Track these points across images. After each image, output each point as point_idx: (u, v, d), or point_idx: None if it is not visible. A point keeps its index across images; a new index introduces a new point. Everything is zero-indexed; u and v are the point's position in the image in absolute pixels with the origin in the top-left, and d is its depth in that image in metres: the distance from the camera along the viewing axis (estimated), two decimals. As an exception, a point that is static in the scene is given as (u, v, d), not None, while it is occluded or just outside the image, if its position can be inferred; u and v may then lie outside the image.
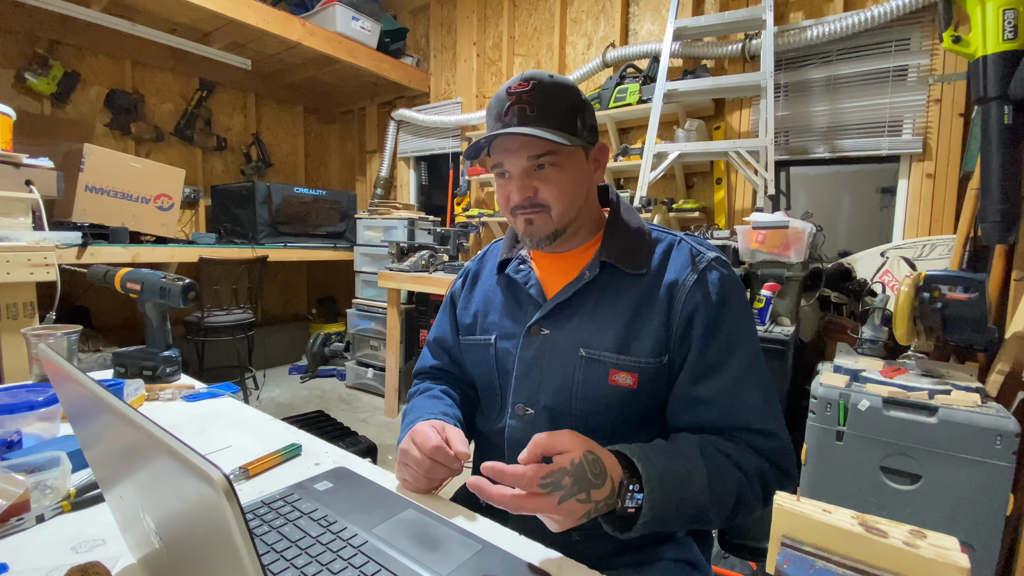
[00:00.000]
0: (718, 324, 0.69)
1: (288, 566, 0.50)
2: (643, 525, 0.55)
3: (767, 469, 0.66)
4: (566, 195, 0.72)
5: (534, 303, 0.77)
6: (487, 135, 0.71)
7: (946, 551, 0.39)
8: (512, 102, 0.69)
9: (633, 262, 0.73)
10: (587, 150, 0.74)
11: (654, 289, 0.71)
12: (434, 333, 0.94)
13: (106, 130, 3.47)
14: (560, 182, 0.71)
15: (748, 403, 0.67)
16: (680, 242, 0.76)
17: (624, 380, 0.70)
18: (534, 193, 0.71)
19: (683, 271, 0.72)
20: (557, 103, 0.69)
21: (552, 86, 0.69)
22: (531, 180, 0.71)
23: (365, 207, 4.04)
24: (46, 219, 1.81)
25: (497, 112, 0.71)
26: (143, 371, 1.06)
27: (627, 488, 0.56)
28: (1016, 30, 1.40)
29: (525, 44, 3.50)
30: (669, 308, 0.70)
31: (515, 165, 0.71)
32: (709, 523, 0.63)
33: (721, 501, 0.61)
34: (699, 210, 2.65)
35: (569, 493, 0.52)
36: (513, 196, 0.72)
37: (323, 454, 0.77)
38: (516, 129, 0.67)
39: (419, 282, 2.94)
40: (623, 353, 0.70)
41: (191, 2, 2.70)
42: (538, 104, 0.68)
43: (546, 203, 0.71)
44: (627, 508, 0.56)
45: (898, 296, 1.44)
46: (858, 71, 2.33)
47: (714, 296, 0.69)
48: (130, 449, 0.38)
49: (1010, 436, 1.15)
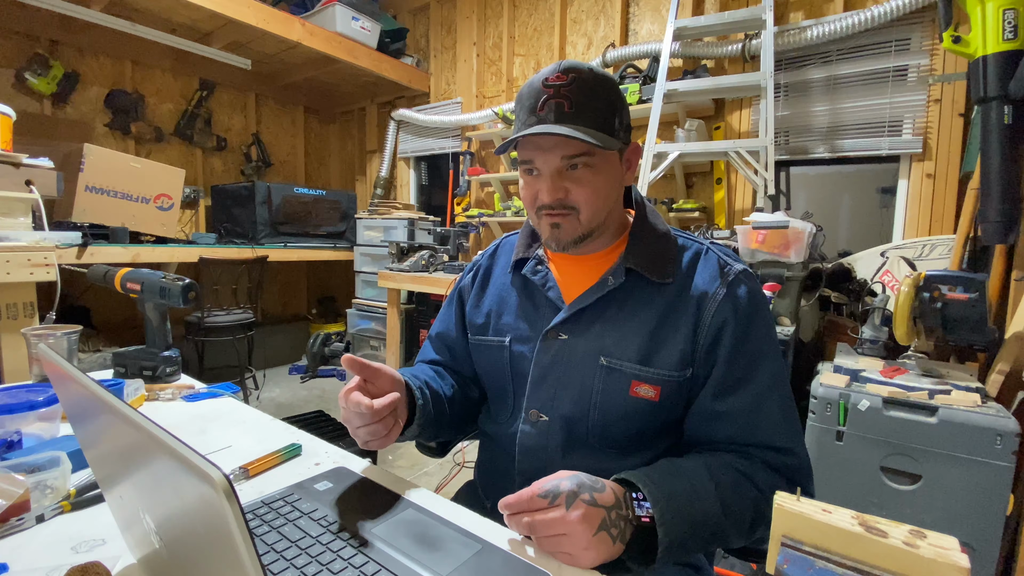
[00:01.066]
0: (745, 340, 0.67)
1: (288, 566, 0.50)
2: (665, 551, 0.54)
3: (783, 486, 0.64)
4: (599, 198, 0.68)
5: (552, 306, 0.74)
6: (521, 133, 0.65)
7: (946, 551, 0.39)
8: (549, 96, 0.64)
9: (659, 270, 0.70)
10: (621, 151, 0.70)
11: (681, 300, 0.69)
12: (437, 328, 0.91)
13: (106, 130, 3.47)
14: (594, 184, 0.67)
15: (769, 420, 0.66)
16: (707, 251, 0.73)
17: (646, 392, 0.68)
18: (565, 194, 0.67)
19: (712, 284, 0.69)
20: (597, 100, 0.65)
21: (592, 81, 0.65)
22: (563, 180, 0.67)
23: (365, 207, 4.04)
24: (46, 219, 1.81)
25: (531, 105, 0.66)
26: (143, 371, 1.06)
27: (632, 497, 0.56)
28: (1016, 30, 1.40)
29: (525, 44, 3.50)
30: (697, 321, 0.68)
31: (547, 163, 0.67)
32: (729, 541, 0.61)
33: (737, 517, 0.60)
34: (699, 210, 2.65)
35: (572, 494, 0.52)
36: (542, 196, 0.68)
37: (323, 454, 0.77)
38: (554, 129, 0.63)
39: (419, 282, 2.94)
40: (646, 365, 0.68)
41: (191, 2, 2.70)
42: (577, 101, 0.64)
43: (577, 205, 0.68)
44: (640, 517, 0.55)
45: (898, 296, 1.44)
46: (858, 71, 2.33)
47: (743, 311, 0.68)
48: (130, 449, 0.38)
49: (1010, 436, 1.15)
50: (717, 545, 0.61)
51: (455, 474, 2.29)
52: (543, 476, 0.57)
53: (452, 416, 0.80)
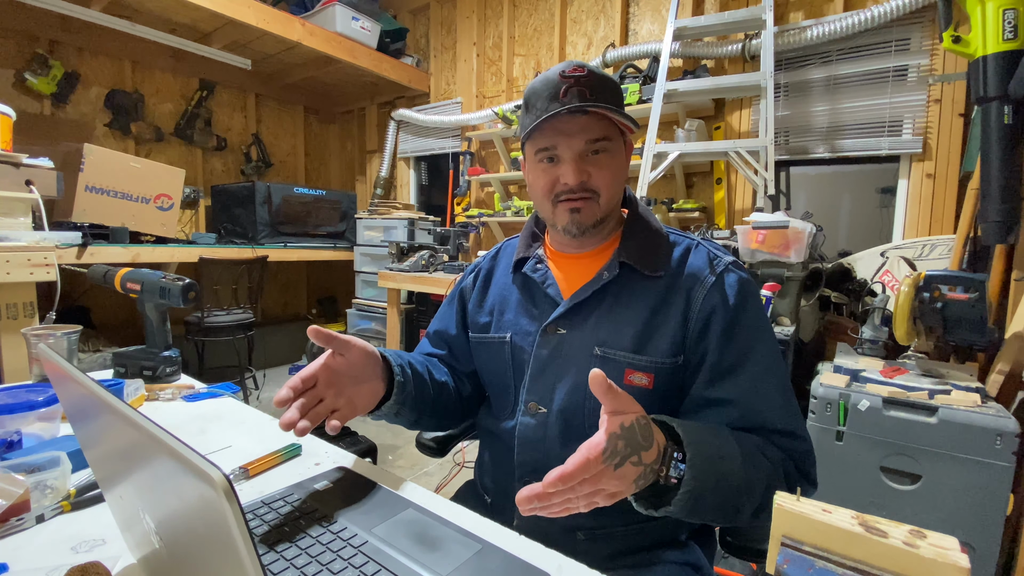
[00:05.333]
0: (736, 326, 0.68)
1: (288, 566, 0.50)
2: (684, 495, 0.54)
3: (791, 466, 0.65)
4: (616, 182, 0.72)
5: (551, 302, 0.77)
6: (551, 112, 0.67)
7: (946, 551, 0.39)
8: (570, 84, 0.67)
9: (651, 264, 0.73)
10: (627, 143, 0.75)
11: (672, 291, 0.71)
12: (435, 326, 0.92)
13: (106, 130, 3.47)
14: (612, 168, 0.71)
15: (769, 403, 0.67)
16: (697, 246, 0.76)
17: (640, 380, 0.69)
18: (588, 178, 0.70)
19: (701, 273, 0.72)
20: (609, 91, 0.69)
21: (602, 75, 0.70)
22: (585, 164, 0.70)
23: (365, 207, 4.04)
24: (46, 219, 1.82)
25: (551, 93, 0.68)
26: (143, 371, 1.06)
27: (671, 455, 0.55)
28: (1016, 30, 1.40)
29: (525, 44, 3.51)
30: (687, 309, 0.70)
31: (571, 147, 0.69)
32: (740, 513, 0.60)
33: (752, 487, 0.59)
34: (699, 210, 2.65)
35: (624, 457, 0.51)
36: (567, 179, 0.70)
37: (323, 454, 0.77)
38: (594, 105, 0.66)
39: (419, 282, 2.94)
40: (639, 353, 0.70)
41: (191, 2, 2.70)
42: (595, 89, 0.68)
43: (598, 189, 0.71)
44: (671, 477, 0.55)
45: (898, 296, 1.44)
46: (858, 71, 2.33)
47: (732, 299, 0.69)
48: (130, 449, 0.38)
49: (1010, 436, 1.15)
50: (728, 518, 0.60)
51: (455, 474, 2.29)
52: (542, 468, 0.56)
53: (436, 401, 0.80)
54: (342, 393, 0.65)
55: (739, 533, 0.77)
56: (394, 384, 0.71)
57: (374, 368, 0.70)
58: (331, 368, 0.65)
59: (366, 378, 0.69)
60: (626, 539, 0.73)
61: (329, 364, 0.65)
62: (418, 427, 0.84)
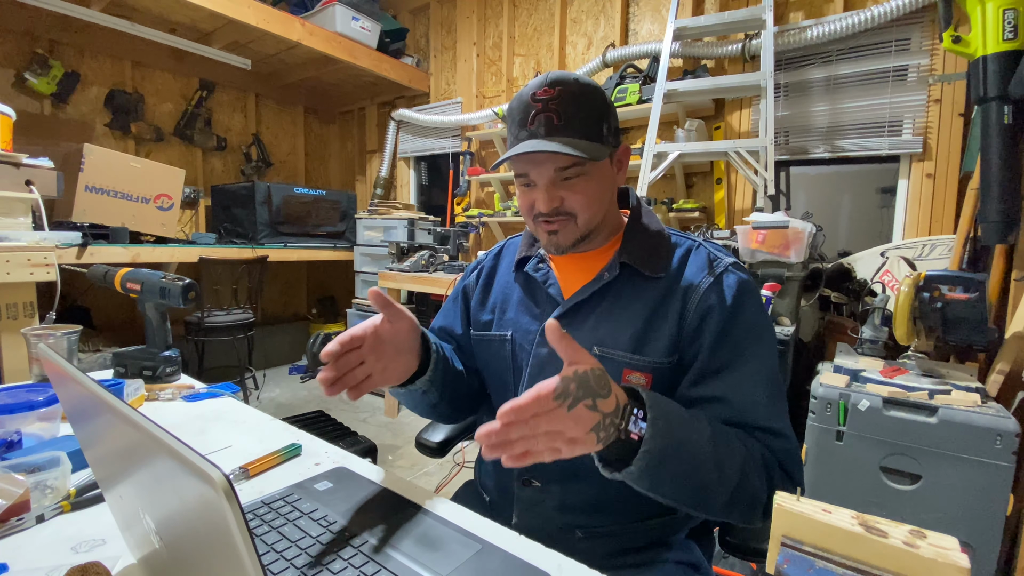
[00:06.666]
0: (730, 328, 0.68)
1: (288, 566, 0.50)
2: (644, 454, 0.54)
3: (772, 462, 0.64)
4: (593, 203, 0.71)
5: (552, 302, 0.77)
6: (512, 151, 0.68)
7: (946, 551, 0.39)
8: (538, 110, 0.67)
9: (652, 265, 0.73)
10: (612, 155, 0.73)
11: (671, 292, 0.72)
12: (440, 322, 0.92)
13: (106, 130, 3.47)
14: (587, 190, 0.70)
15: (753, 400, 0.66)
16: (698, 247, 0.76)
17: (637, 380, 0.70)
18: (560, 202, 0.70)
19: (700, 274, 0.72)
20: (584, 110, 0.67)
21: (578, 91, 0.68)
22: (558, 190, 0.70)
23: (365, 207, 4.04)
24: (46, 219, 1.82)
25: (521, 119, 0.69)
26: (143, 371, 1.06)
27: (631, 412, 0.55)
28: (1016, 30, 1.40)
29: (525, 44, 3.50)
30: (683, 308, 0.70)
31: (541, 176, 0.70)
32: (712, 496, 0.60)
33: (721, 465, 0.59)
34: (699, 210, 2.65)
35: (576, 399, 0.51)
36: (539, 205, 0.71)
37: (323, 454, 0.77)
38: (544, 146, 0.65)
39: (419, 282, 2.94)
40: (637, 353, 0.70)
41: (191, 2, 2.70)
42: (565, 112, 0.67)
43: (573, 212, 0.71)
44: (631, 432, 0.54)
45: (898, 296, 1.44)
46: (858, 71, 2.33)
47: (729, 300, 0.69)
48: (130, 449, 0.38)
49: (1010, 436, 1.15)
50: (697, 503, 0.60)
51: (455, 474, 2.29)
52: (541, 468, 0.56)
53: (456, 388, 0.80)
54: (381, 359, 0.65)
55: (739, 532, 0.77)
56: (430, 360, 0.72)
57: (414, 342, 0.70)
58: (379, 333, 0.64)
59: (406, 350, 0.69)
60: (625, 538, 0.73)
61: (379, 329, 0.64)
62: (434, 413, 0.83)
